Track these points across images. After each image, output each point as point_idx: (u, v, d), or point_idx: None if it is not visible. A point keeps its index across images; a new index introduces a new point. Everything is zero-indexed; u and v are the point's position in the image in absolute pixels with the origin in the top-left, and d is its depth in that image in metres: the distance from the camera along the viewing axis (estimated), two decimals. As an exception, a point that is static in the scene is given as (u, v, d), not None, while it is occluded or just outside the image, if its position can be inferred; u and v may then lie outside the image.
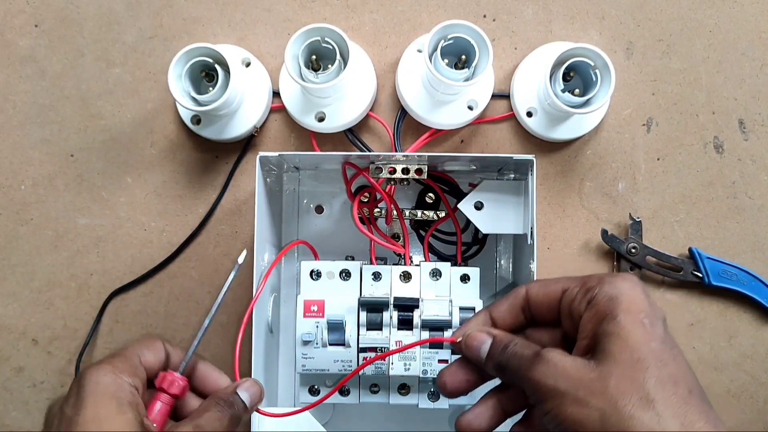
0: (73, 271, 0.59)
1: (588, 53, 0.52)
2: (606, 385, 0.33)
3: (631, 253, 0.57)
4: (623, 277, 0.37)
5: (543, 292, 0.40)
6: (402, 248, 0.53)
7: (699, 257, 0.57)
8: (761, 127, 0.58)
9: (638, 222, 0.57)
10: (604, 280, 0.36)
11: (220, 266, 0.58)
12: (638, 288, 0.36)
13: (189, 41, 0.58)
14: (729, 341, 0.58)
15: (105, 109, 0.59)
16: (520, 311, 0.41)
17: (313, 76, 0.53)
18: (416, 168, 0.52)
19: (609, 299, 0.35)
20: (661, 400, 0.32)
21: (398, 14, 0.59)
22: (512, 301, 0.41)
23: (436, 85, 0.53)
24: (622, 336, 0.34)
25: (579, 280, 0.38)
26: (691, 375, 0.34)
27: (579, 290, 0.37)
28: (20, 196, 0.59)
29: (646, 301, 0.35)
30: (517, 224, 0.51)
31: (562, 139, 0.58)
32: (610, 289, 0.36)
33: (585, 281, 0.37)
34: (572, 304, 0.37)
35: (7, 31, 0.59)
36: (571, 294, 0.38)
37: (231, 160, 0.58)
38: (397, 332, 0.49)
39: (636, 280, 0.36)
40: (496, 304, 0.42)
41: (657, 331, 0.34)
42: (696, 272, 0.57)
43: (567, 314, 0.38)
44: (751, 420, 0.58)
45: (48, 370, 0.59)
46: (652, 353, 0.33)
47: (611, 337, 0.34)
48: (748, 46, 0.58)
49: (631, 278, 0.36)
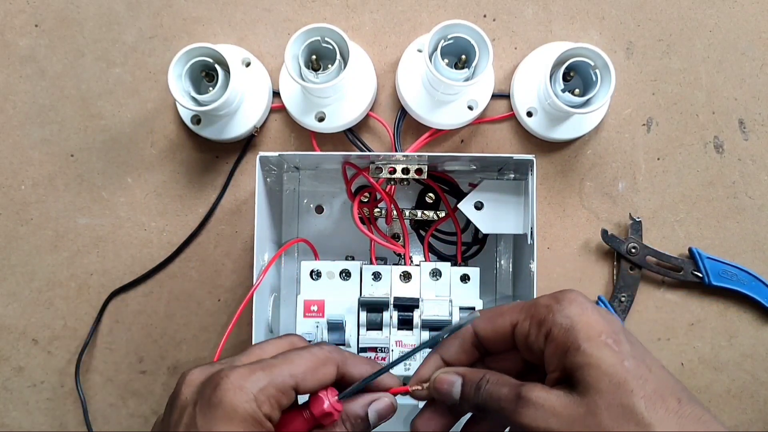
0: (73, 271, 0.59)
1: (588, 53, 0.52)
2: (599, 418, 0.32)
3: (631, 253, 0.57)
4: (570, 300, 0.35)
5: (491, 328, 0.38)
6: (402, 248, 0.53)
7: (699, 257, 0.57)
8: (761, 127, 0.58)
9: (638, 222, 0.57)
10: (552, 309, 0.35)
11: (220, 266, 0.58)
12: (588, 309, 0.35)
13: (189, 41, 0.58)
14: (729, 341, 0.58)
15: (105, 109, 0.59)
16: (472, 348, 0.39)
17: (313, 76, 0.53)
18: (416, 168, 0.52)
19: (566, 331, 0.34)
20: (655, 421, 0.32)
21: (398, 14, 0.59)
22: (462, 341, 0.39)
23: (436, 85, 0.53)
24: (593, 365, 0.33)
25: (526, 311, 0.37)
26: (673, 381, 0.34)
27: (530, 324, 0.36)
28: (20, 196, 0.59)
29: (602, 320, 0.34)
30: (517, 224, 0.51)
31: (562, 139, 0.58)
32: (562, 320, 0.35)
33: (533, 313, 0.36)
34: (528, 339, 0.36)
35: (7, 31, 0.59)
36: (523, 329, 0.37)
37: (231, 160, 0.59)
38: (397, 332, 0.49)
39: (583, 300, 0.35)
40: (445, 345, 0.40)
41: (624, 348, 0.34)
42: (696, 272, 0.57)
43: (525, 348, 0.37)
44: (751, 420, 0.58)
45: (48, 370, 0.59)
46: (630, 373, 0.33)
47: (584, 368, 0.33)
48: (748, 46, 0.58)
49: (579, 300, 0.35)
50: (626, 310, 0.57)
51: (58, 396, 0.59)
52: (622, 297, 0.57)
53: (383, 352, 0.49)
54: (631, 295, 0.57)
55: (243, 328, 0.57)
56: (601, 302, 0.57)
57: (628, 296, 0.57)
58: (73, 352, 0.59)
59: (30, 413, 0.59)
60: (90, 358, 0.59)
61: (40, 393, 0.59)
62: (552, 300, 0.36)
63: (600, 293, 0.58)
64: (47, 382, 0.59)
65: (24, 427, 0.59)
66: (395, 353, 0.49)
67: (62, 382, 0.59)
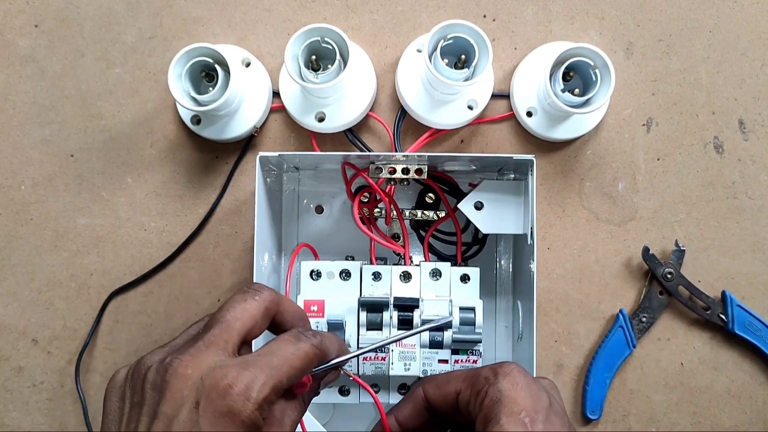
0: (73, 271, 0.59)
1: (588, 53, 0.52)
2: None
3: (666, 278, 0.57)
4: (505, 374, 0.38)
5: (439, 394, 0.42)
6: (402, 248, 0.53)
7: (730, 302, 0.57)
8: (761, 127, 0.58)
9: (682, 250, 0.57)
10: (489, 381, 0.38)
11: (220, 266, 0.58)
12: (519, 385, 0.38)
13: (189, 41, 0.58)
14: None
15: (105, 109, 0.59)
16: (424, 411, 0.43)
17: (313, 76, 0.53)
18: (416, 168, 0.52)
19: (493, 403, 0.37)
20: None
21: (398, 14, 0.59)
22: (414, 404, 0.43)
23: (436, 85, 0.53)
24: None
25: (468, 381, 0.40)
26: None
27: (470, 394, 0.39)
28: (20, 196, 0.59)
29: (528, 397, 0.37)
30: (517, 224, 0.51)
31: (562, 139, 0.58)
32: (493, 392, 0.38)
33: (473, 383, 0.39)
34: (468, 407, 0.39)
35: (7, 31, 0.59)
36: (465, 397, 0.40)
37: (231, 160, 0.59)
38: (397, 332, 0.49)
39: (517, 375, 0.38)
40: (400, 407, 0.43)
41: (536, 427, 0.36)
42: (722, 315, 0.57)
43: (466, 413, 0.40)
44: (751, 420, 0.58)
45: (48, 370, 0.59)
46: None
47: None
48: (748, 46, 0.58)
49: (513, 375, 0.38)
50: (644, 331, 0.57)
51: (58, 396, 0.59)
52: (643, 317, 0.57)
53: (383, 352, 0.49)
54: (653, 318, 0.57)
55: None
56: (623, 317, 0.57)
57: (649, 318, 0.57)
58: (73, 352, 0.59)
59: (30, 413, 0.59)
60: (90, 358, 0.59)
61: (40, 393, 0.59)
62: (490, 372, 0.39)
63: (623, 307, 0.58)
64: (47, 382, 0.59)
65: (24, 427, 0.59)
66: (396, 353, 0.49)
67: (62, 382, 0.59)
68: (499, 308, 0.58)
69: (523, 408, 0.37)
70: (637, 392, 0.58)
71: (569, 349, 0.58)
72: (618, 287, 0.58)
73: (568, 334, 0.58)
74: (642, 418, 0.58)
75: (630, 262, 0.58)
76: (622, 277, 0.58)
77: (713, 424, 0.58)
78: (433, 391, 0.42)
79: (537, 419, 0.37)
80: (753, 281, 0.58)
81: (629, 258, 0.58)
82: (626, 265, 0.58)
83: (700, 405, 0.58)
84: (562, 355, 0.58)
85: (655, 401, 0.58)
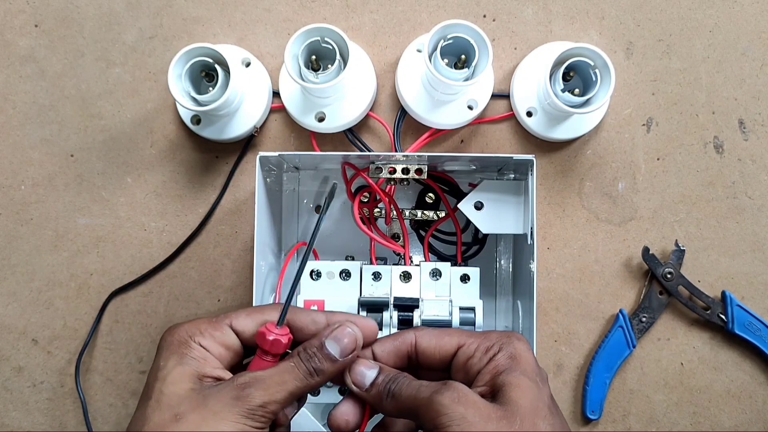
0: (73, 271, 0.59)
1: (588, 53, 0.52)
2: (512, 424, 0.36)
3: (665, 278, 0.57)
4: (519, 338, 0.40)
5: (436, 343, 0.41)
6: (402, 248, 0.53)
7: (729, 302, 0.57)
8: (761, 127, 0.58)
9: (682, 250, 0.57)
10: (503, 341, 0.40)
11: (220, 266, 0.58)
12: (530, 353, 0.40)
13: (189, 41, 0.58)
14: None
15: (105, 109, 0.59)
16: (405, 356, 0.41)
17: (313, 76, 0.53)
18: (416, 168, 0.52)
19: (509, 356, 0.39)
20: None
21: (398, 14, 0.59)
22: (398, 345, 0.41)
23: (436, 85, 0.53)
24: (522, 387, 0.37)
25: (476, 337, 0.41)
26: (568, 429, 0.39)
27: (478, 348, 0.40)
28: (20, 196, 0.59)
29: (536, 365, 0.39)
30: (517, 224, 0.51)
31: (562, 139, 0.58)
32: (510, 349, 0.39)
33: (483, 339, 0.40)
34: (469, 360, 0.40)
35: (7, 31, 0.59)
36: (468, 350, 0.40)
37: (231, 160, 0.59)
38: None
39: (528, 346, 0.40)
40: (381, 341, 0.42)
41: (545, 391, 0.38)
42: (722, 315, 0.57)
43: (460, 368, 0.40)
44: (751, 420, 0.58)
45: (48, 370, 0.59)
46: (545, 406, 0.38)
47: (512, 387, 0.37)
48: (748, 46, 0.58)
49: (526, 343, 0.40)
50: (644, 331, 0.57)
51: (58, 396, 0.59)
52: (643, 317, 0.57)
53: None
54: (653, 318, 0.57)
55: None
56: (623, 317, 0.57)
57: (649, 317, 0.57)
58: (73, 352, 0.59)
59: (30, 413, 0.59)
60: (90, 358, 0.59)
61: (40, 393, 0.59)
62: (503, 335, 0.41)
63: (623, 307, 0.58)
64: (47, 382, 0.59)
65: (24, 427, 0.59)
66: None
67: (62, 382, 0.59)
68: (499, 308, 0.58)
69: (534, 371, 0.39)
70: (637, 392, 0.58)
71: (569, 349, 0.58)
72: (618, 287, 0.58)
73: (568, 334, 0.58)
74: (642, 418, 0.58)
75: (630, 262, 0.58)
76: (622, 277, 0.58)
77: (713, 424, 0.58)
78: (428, 340, 0.41)
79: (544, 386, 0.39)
80: (753, 281, 0.58)
81: (629, 258, 0.58)
82: (626, 265, 0.58)
83: (700, 405, 0.58)
84: (562, 355, 0.58)
85: (655, 401, 0.58)
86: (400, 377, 0.39)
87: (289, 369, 0.38)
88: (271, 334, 0.39)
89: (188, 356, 0.38)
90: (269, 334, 0.39)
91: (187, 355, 0.38)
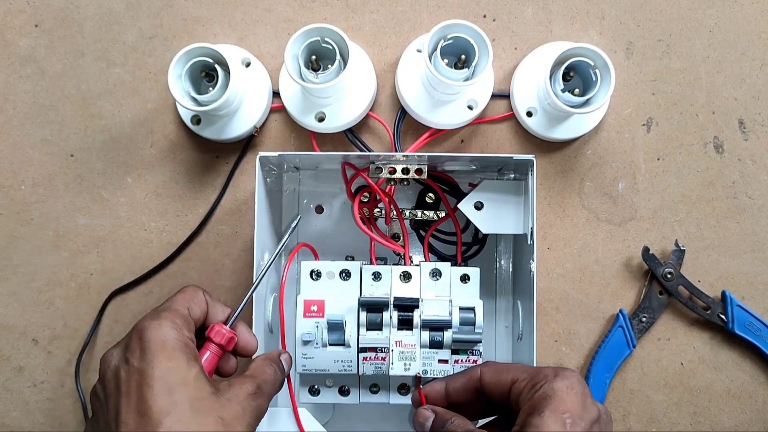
0: (73, 271, 0.59)
1: (588, 53, 0.52)
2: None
3: (665, 278, 0.57)
4: (564, 377, 0.40)
5: (496, 378, 0.43)
6: (402, 248, 0.53)
7: (730, 302, 0.57)
8: (761, 127, 0.58)
9: (682, 250, 0.57)
10: (548, 379, 0.40)
11: (220, 266, 0.58)
12: (574, 390, 0.39)
13: (189, 41, 0.58)
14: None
15: (105, 109, 0.59)
16: (473, 390, 0.45)
17: (313, 76, 0.53)
18: (416, 168, 0.52)
19: (544, 396, 0.39)
20: None
21: (398, 14, 0.59)
22: (467, 380, 0.45)
23: (436, 85, 0.53)
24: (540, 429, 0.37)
25: (528, 374, 0.42)
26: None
27: (527, 384, 0.41)
28: (20, 196, 0.59)
29: (578, 402, 0.38)
30: (517, 224, 0.51)
31: (562, 139, 0.58)
32: (547, 388, 0.39)
33: (533, 376, 0.41)
34: (520, 395, 0.41)
35: (7, 31, 0.59)
36: (520, 387, 0.41)
37: (231, 160, 0.59)
38: (397, 332, 0.49)
39: (575, 382, 0.39)
40: (454, 377, 0.46)
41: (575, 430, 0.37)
42: (722, 315, 0.57)
43: (514, 402, 0.42)
44: (751, 420, 0.58)
45: (48, 370, 0.59)
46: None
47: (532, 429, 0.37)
48: (748, 46, 0.58)
49: (571, 380, 0.39)
50: (644, 331, 0.57)
51: (58, 396, 0.59)
52: (643, 317, 0.57)
53: (383, 352, 0.49)
54: (653, 318, 0.57)
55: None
56: (623, 317, 0.57)
57: (649, 318, 0.57)
58: (73, 353, 0.59)
59: (30, 413, 0.59)
60: (90, 358, 0.59)
61: (40, 393, 0.59)
62: (552, 372, 0.40)
63: (623, 307, 0.58)
64: (47, 382, 0.59)
65: (24, 427, 0.59)
66: (396, 353, 0.49)
67: (62, 382, 0.59)
68: (499, 308, 0.58)
69: (569, 410, 0.38)
70: (637, 392, 0.58)
71: (569, 349, 0.58)
72: (618, 287, 0.58)
73: (568, 334, 0.58)
74: (642, 418, 0.58)
75: (630, 262, 0.58)
76: (622, 277, 0.58)
77: (713, 424, 0.58)
78: (490, 375, 0.44)
79: (578, 425, 0.37)
80: (753, 281, 0.58)
81: (629, 258, 0.58)
82: (626, 265, 0.58)
83: (700, 405, 0.58)
84: (562, 355, 0.58)
85: (655, 401, 0.58)
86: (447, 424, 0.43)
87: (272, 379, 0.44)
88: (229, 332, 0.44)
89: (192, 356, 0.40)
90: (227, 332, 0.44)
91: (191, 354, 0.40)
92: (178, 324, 0.41)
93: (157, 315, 0.41)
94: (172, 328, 0.40)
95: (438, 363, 0.49)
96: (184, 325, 0.41)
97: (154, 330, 0.39)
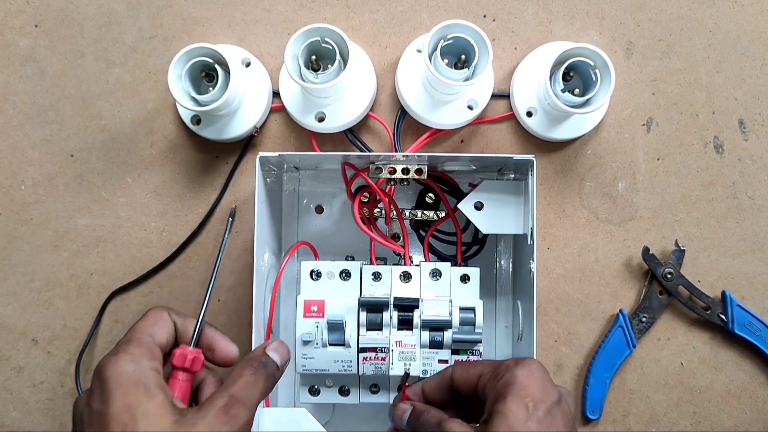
0: (73, 271, 0.59)
1: (588, 53, 0.52)
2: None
3: (665, 278, 0.57)
4: (525, 365, 0.41)
5: (465, 375, 0.45)
6: (402, 248, 0.53)
7: (729, 302, 0.57)
8: (761, 127, 0.58)
9: (682, 250, 0.57)
10: (509, 368, 0.42)
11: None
12: (534, 376, 0.41)
13: (189, 41, 0.58)
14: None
15: (105, 109, 0.59)
16: (447, 389, 0.46)
17: (313, 76, 0.53)
18: (416, 168, 0.52)
19: (506, 384, 0.41)
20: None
21: (398, 14, 0.59)
22: (440, 380, 0.47)
23: (436, 85, 0.53)
24: (505, 414, 0.39)
25: (491, 366, 0.43)
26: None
27: (490, 376, 0.43)
28: (20, 196, 0.59)
29: (539, 386, 0.40)
30: (517, 224, 0.51)
31: (562, 139, 0.58)
32: (509, 376, 0.41)
33: (495, 367, 0.43)
34: (486, 387, 0.43)
35: (7, 31, 0.59)
36: (485, 379, 0.43)
37: (231, 160, 0.59)
38: (397, 332, 0.49)
39: (536, 369, 0.41)
40: (428, 379, 0.48)
41: (537, 414, 0.39)
42: (722, 315, 0.57)
43: (482, 394, 0.43)
44: (751, 420, 0.58)
45: (48, 370, 0.59)
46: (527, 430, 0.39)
47: (497, 415, 0.39)
48: (748, 46, 0.58)
49: (531, 367, 0.41)
50: (644, 331, 0.57)
51: (58, 396, 0.59)
52: (643, 317, 0.57)
53: (383, 353, 0.49)
54: (653, 318, 0.57)
55: (243, 327, 0.57)
56: (623, 317, 0.57)
57: (649, 318, 0.57)
58: (73, 353, 0.59)
59: (30, 413, 0.59)
60: (90, 358, 0.59)
61: (40, 393, 0.59)
62: (513, 362, 0.42)
63: (623, 307, 0.58)
64: (47, 382, 0.59)
65: (24, 427, 0.59)
66: (396, 353, 0.49)
67: (62, 382, 0.59)
68: (499, 308, 0.58)
69: (530, 395, 0.40)
70: (637, 392, 0.58)
71: (569, 349, 0.58)
72: (618, 287, 0.58)
73: (568, 334, 0.58)
74: (642, 418, 0.58)
75: (630, 262, 0.58)
76: (622, 277, 0.58)
77: (713, 424, 0.58)
78: (460, 372, 0.46)
79: (540, 407, 0.39)
80: (753, 281, 0.58)
81: (629, 258, 0.58)
82: (626, 265, 0.58)
83: (700, 405, 0.58)
84: (562, 355, 0.58)
85: (655, 401, 0.58)
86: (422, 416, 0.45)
87: (253, 381, 0.41)
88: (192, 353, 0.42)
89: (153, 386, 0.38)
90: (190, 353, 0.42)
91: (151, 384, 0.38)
92: (136, 355, 0.39)
93: (116, 350, 0.40)
94: (129, 362, 0.39)
95: (438, 363, 0.49)
96: (144, 354, 0.40)
97: (111, 367, 0.39)
